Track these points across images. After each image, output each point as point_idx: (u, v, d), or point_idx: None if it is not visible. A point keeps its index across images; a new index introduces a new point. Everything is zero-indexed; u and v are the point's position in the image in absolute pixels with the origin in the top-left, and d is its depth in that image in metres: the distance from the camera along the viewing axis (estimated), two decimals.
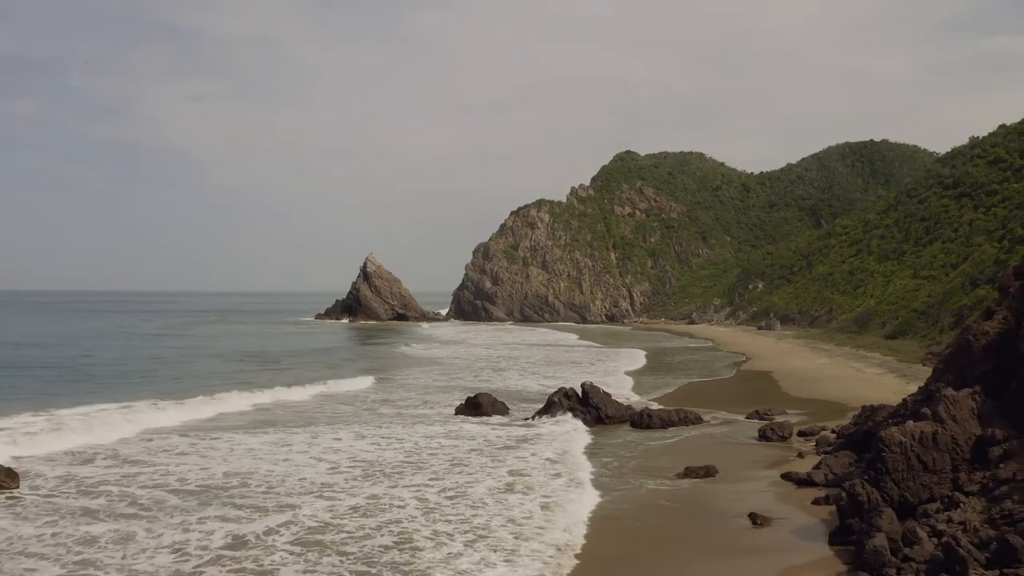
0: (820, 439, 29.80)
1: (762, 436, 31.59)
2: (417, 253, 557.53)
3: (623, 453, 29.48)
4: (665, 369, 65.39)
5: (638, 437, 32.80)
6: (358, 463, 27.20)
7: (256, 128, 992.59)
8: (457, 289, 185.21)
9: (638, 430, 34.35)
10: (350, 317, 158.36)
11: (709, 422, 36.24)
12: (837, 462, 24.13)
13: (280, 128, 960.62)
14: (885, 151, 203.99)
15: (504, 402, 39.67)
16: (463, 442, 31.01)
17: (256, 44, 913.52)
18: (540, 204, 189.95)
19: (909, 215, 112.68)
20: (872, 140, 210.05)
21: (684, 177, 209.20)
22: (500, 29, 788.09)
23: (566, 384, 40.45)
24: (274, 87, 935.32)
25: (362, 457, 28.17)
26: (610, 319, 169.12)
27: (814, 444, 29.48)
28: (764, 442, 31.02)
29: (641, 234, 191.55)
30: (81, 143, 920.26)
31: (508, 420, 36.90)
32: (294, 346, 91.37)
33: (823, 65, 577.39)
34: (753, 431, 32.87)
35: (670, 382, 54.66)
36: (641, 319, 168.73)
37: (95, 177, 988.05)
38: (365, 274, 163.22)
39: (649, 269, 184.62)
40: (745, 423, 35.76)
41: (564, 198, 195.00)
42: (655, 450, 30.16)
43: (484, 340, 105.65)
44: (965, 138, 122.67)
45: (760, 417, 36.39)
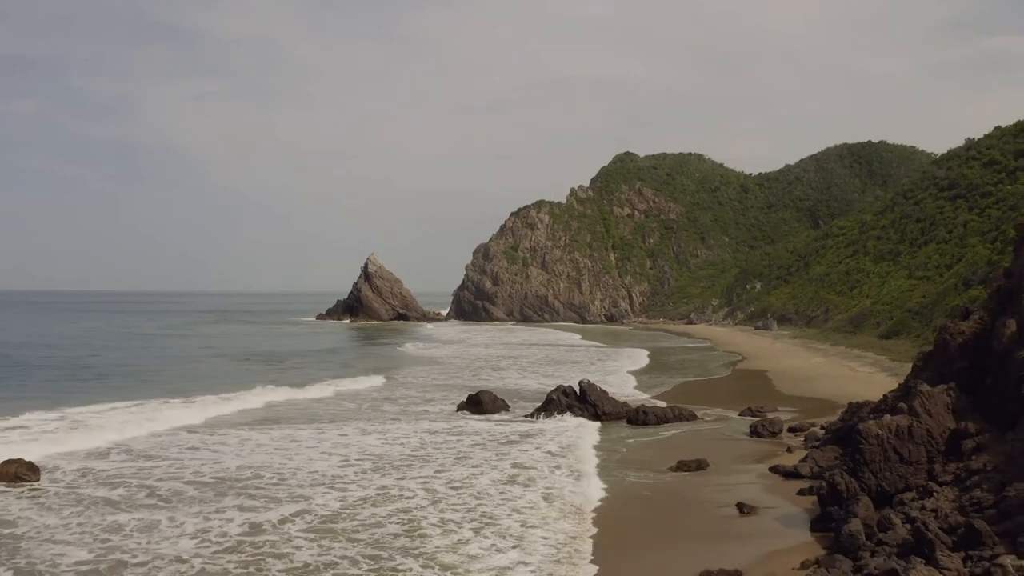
0: (809, 435, 30.89)
1: (753, 432, 32.73)
2: (417, 253, 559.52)
3: (619, 448, 30.66)
4: (663, 368, 66.52)
5: (634, 433, 33.98)
6: (367, 457, 28.40)
7: (256, 128, 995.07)
8: (457, 289, 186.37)
9: (634, 426, 35.54)
10: (351, 317, 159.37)
11: (703, 419, 37.38)
12: (823, 455, 25.21)
13: (280, 128, 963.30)
14: (883, 152, 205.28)
15: (504, 400, 40.83)
16: (466, 437, 32.23)
17: (256, 44, 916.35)
18: (540, 205, 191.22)
19: (905, 216, 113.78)
20: (870, 141, 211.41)
21: (683, 178, 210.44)
22: (500, 29, 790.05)
23: (565, 383, 41.58)
24: (274, 87, 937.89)
25: (370, 451, 29.37)
26: (609, 319, 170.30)
27: (803, 440, 30.60)
28: (755, 438, 32.15)
29: (640, 235, 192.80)
30: (81, 143, 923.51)
31: (509, 417, 38.09)
32: (298, 346, 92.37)
33: (823, 65, 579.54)
34: (745, 427, 34.00)
35: (667, 381, 55.85)
36: (640, 319, 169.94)
37: (95, 177, 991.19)
38: (366, 274, 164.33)
39: (648, 270, 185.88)
40: (737, 420, 36.92)
41: (564, 199, 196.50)
42: (650, 445, 31.33)
43: (485, 340, 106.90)
44: (964, 139, 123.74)
45: (752, 414, 37.47)
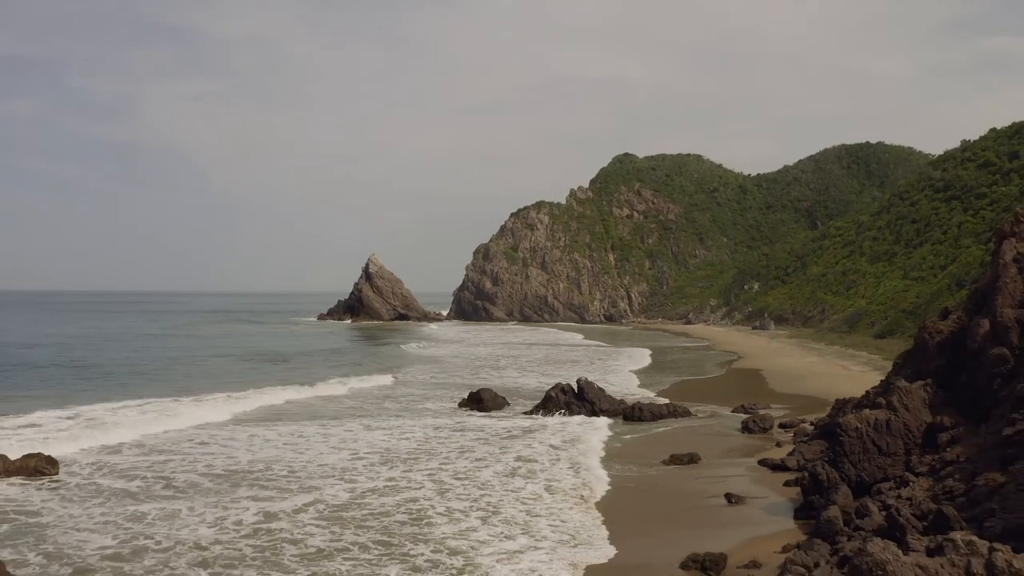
0: (798, 431, 32.03)
1: (745, 428, 33.90)
2: (417, 254, 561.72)
3: (615, 443, 31.84)
4: (662, 367, 67.67)
5: (630, 429, 35.20)
6: (374, 451, 29.59)
7: (256, 128, 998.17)
8: (458, 290, 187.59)
9: (630, 423, 36.73)
10: (352, 317, 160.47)
11: (696, 415, 38.57)
12: (809, 449, 26.38)
13: (280, 128, 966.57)
14: (881, 153, 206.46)
15: (504, 397, 41.99)
16: (469, 433, 33.45)
17: (256, 44, 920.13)
18: (539, 206, 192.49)
19: (900, 217, 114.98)
20: (868, 142, 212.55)
21: (682, 179, 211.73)
22: (500, 30, 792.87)
23: (564, 382, 42.69)
24: (274, 87, 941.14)
25: (377, 446, 30.56)
26: (608, 319, 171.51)
27: (792, 435, 31.72)
28: (746, 434, 33.34)
29: (639, 235, 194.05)
30: (81, 143, 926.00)
31: (510, 413, 39.27)
32: (302, 346, 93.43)
33: (823, 66, 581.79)
34: (737, 423, 35.18)
35: (665, 379, 57.02)
36: (639, 319, 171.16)
37: (95, 177, 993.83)
38: (367, 275, 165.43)
39: (647, 270, 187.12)
40: (730, 416, 38.10)
41: (563, 199, 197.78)
42: (645, 440, 32.53)
43: (485, 339, 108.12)
44: (962, 140, 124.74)
45: (745, 411, 38.64)
